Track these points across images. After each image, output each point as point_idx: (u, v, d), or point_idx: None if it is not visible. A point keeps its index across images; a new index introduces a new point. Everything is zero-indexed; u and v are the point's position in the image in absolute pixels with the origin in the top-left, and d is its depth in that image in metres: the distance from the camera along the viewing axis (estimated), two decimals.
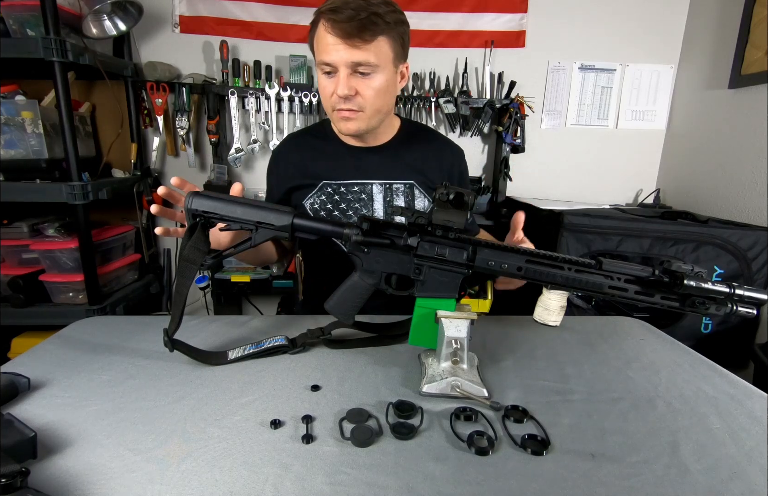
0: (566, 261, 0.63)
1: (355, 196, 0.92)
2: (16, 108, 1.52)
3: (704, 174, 1.88)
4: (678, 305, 0.60)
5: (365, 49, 0.78)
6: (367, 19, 0.75)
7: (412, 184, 0.94)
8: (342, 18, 0.75)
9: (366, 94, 0.82)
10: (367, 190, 0.92)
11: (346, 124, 0.85)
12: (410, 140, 0.98)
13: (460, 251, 0.65)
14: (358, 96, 0.82)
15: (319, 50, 0.81)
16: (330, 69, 0.81)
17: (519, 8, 2.01)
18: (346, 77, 0.80)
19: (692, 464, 0.50)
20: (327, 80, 0.83)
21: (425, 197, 0.96)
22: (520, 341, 0.83)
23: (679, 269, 0.58)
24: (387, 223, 0.68)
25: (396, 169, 0.94)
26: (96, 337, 0.80)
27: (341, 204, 0.92)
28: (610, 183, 2.19)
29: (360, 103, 0.83)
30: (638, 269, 0.61)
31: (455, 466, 0.49)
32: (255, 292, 2.02)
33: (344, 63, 0.78)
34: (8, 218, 1.69)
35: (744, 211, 1.64)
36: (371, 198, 0.92)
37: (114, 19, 1.74)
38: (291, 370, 0.69)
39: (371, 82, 0.81)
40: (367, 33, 0.76)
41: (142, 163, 1.99)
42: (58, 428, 0.54)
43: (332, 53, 0.78)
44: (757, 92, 1.61)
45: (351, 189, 0.92)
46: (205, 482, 0.46)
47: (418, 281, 0.67)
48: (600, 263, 0.62)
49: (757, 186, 1.60)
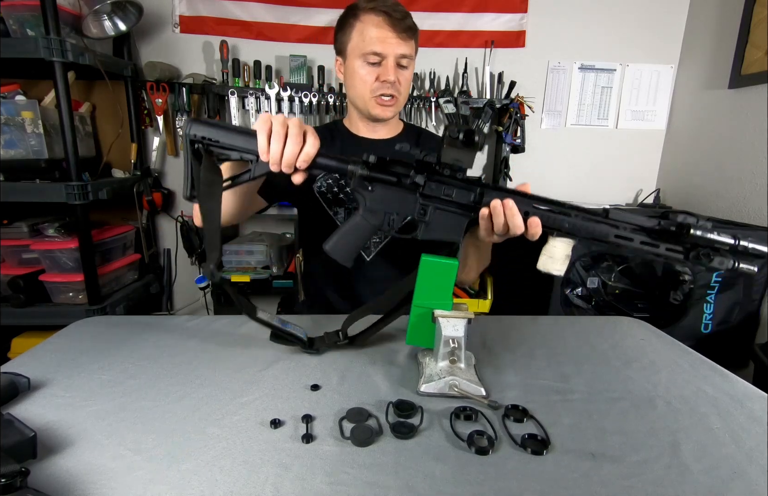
0: (573, 208, 0.63)
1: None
2: (16, 108, 1.52)
3: (704, 174, 1.88)
4: (683, 257, 0.60)
5: (408, 44, 0.93)
6: (410, 20, 0.92)
7: None
8: (398, 16, 0.89)
9: (402, 82, 0.95)
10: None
11: (385, 110, 0.96)
12: (410, 137, 1.08)
13: (467, 193, 0.64)
14: (398, 84, 0.94)
15: (366, 40, 0.90)
16: (378, 59, 0.91)
17: (519, 8, 2.01)
18: (392, 66, 0.92)
19: (692, 464, 0.50)
20: (370, 69, 0.93)
21: None
22: (520, 340, 0.83)
23: (685, 221, 0.58)
24: (394, 161, 0.67)
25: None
26: (96, 337, 0.80)
27: (346, 187, 1.00)
28: (610, 183, 2.19)
29: (398, 90, 0.95)
30: (644, 219, 0.61)
31: (455, 465, 0.49)
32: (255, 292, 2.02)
33: (394, 53, 0.91)
34: (8, 218, 1.69)
35: (744, 211, 1.64)
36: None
37: (114, 19, 1.74)
38: (291, 370, 0.69)
39: (407, 74, 0.96)
40: (411, 31, 0.93)
41: (142, 163, 1.99)
42: (58, 428, 0.54)
43: (385, 44, 0.90)
44: (757, 92, 1.61)
45: None
46: (205, 481, 0.46)
47: (423, 223, 0.66)
48: (606, 213, 0.62)
49: (757, 186, 1.60)
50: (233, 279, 1.91)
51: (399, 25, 0.89)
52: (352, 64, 0.94)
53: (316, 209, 1.01)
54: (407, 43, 0.92)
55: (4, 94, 1.64)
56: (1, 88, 1.66)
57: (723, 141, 1.78)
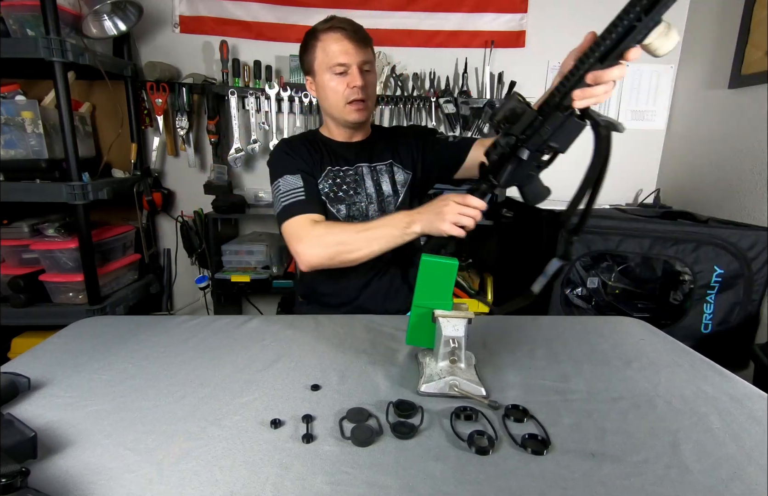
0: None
1: (351, 178, 1.10)
2: (16, 108, 1.52)
3: (704, 174, 1.88)
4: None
5: (367, 52, 1.02)
6: (364, 31, 1.02)
7: (390, 162, 1.14)
8: (353, 29, 1.00)
9: (369, 87, 1.04)
10: (359, 172, 1.11)
11: (359, 113, 1.04)
12: (383, 135, 1.19)
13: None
14: (366, 88, 1.02)
15: (330, 56, 1.00)
16: (343, 69, 1.00)
17: (519, 8, 2.01)
18: (357, 73, 1.00)
19: (692, 463, 0.50)
20: (339, 79, 1.01)
21: (403, 170, 1.14)
22: (520, 340, 0.83)
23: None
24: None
25: (376, 154, 1.14)
26: (96, 337, 0.80)
27: (342, 186, 1.09)
28: (610, 183, 2.15)
29: (367, 94, 1.03)
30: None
31: (455, 465, 0.49)
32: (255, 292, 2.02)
33: (357, 62, 1.00)
34: (8, 218, 1.69)
35: (744, 211, 1.64)
36: (362, 179, 1.11)
37: (114, 19, 1.74)
38: (291, 370, 0.69)
39: (371, 78, 1.05)
40: (367, 40, 1.03)
41: (142, 163, 1.99)
42: (58, 428, 0.54)
43: (347, 55, 0.99)
44: (757, 92, 1.61)
45: (347, 173, 1.10)
46: (205, 481, 0.46)
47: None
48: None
49: (757, 186, 1.60)
50: (233, 279, 1.91)
51: (355, 37, 1.00)
52: (322, 79, 1.03)
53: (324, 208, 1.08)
54: (366, 51, 1.01)
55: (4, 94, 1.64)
56: (1, 88, 1.66)
57: (723, 141, 1.78)
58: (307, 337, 0.81)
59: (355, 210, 1.10)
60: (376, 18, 1.99)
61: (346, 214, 1.09)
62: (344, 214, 1.09)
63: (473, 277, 1.99)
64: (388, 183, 1.13)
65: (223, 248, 1.95)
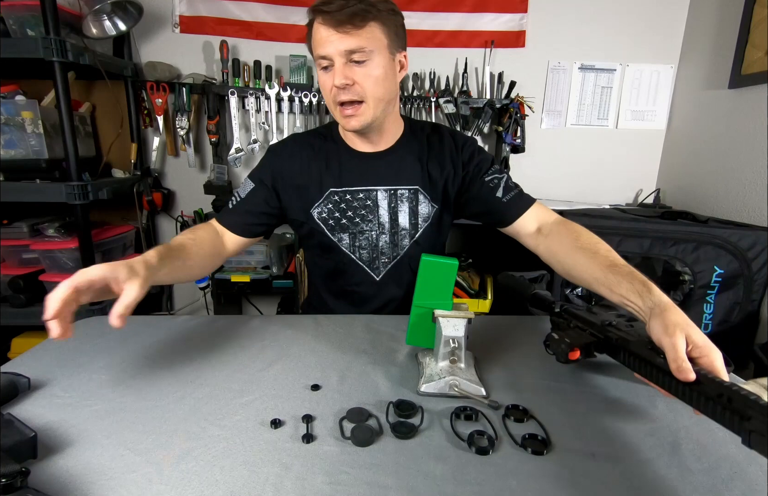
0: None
1: (361, 203, 0.93)
2: (16, 108, 1.52)
3: (704, 174, 1.88)
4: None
5: (357, 35, 0.78)
6: (356, 6, 0.77)
7: (416, 189, 0.93)
8: (333, 9, 0.77)
9: (364, 82, 0.81)
10: (372, 196, 0.93)
11: (350, 121, 0.84)
12: (415, 141, 0.96)
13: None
14: (357, 85, 0.81)
15: (315, 46, 0.82)
16: (327, 62, 0.81)
17: (519, 8, 2.01)
18: (341, 66, 0.79)
19: (692, 463, 0.50)
20: (325, 75, 0.83)
21: (429, 202, 0.94)
22: (520, 340, 0.83)
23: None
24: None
25: (401, 175, 0.93)
26: (96, 337, 0.80)
27: (348, 212, 0.93)
28: (610, 183, 2.19)
29: (360, 93, 0.82)
30: None
31: (456, 465, 0.49)
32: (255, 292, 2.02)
33: (338, 52, 0.79)
34: (8, 218, 1.69)
35: (744, 211, 1.64)
36: (376, 204, 0.92)
37: (114, 19, 1.74)
38: (291, 370, 0.69)
39: (368, 70, 0.81)
40: (358, 19, 0.77)
41: (142, 163, 1.99)
42: (58, 428, 0.54)
43: (326, 45, 0.79)
44: (757, 92, 1.61)
45: (356, 196, 0.93)
46: (205, 481, 0.46)
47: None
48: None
49: (757, 186, 1.60)
50: (233, 279, 1.91)
51: (336, 18, 0.77)
52: (318, 74, 0.86)
53: (318, 235, 0.95)
54: (354, 34, 0.78)
55: (4, 94, 1.64)
56: (1, 88, 1.66)
57: (723, 141, 1.78)
58: (307, 337, 0.81)
59: (363, 240, 0.93)
60: None
61: (349, 244, 0.94)
62: (347, 244, 0.94)
63: (473, 277, 1.99)
64: (406, 214, 0.93)
65: None
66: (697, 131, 1.95)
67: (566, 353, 0.62)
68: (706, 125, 1.89)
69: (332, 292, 1.01)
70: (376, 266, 0.97)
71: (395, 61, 0.86)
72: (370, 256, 0.96)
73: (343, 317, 0.91)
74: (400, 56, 0.87)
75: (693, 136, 1.97)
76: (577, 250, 0.79)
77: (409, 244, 0.95)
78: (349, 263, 0.96)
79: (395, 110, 0.93)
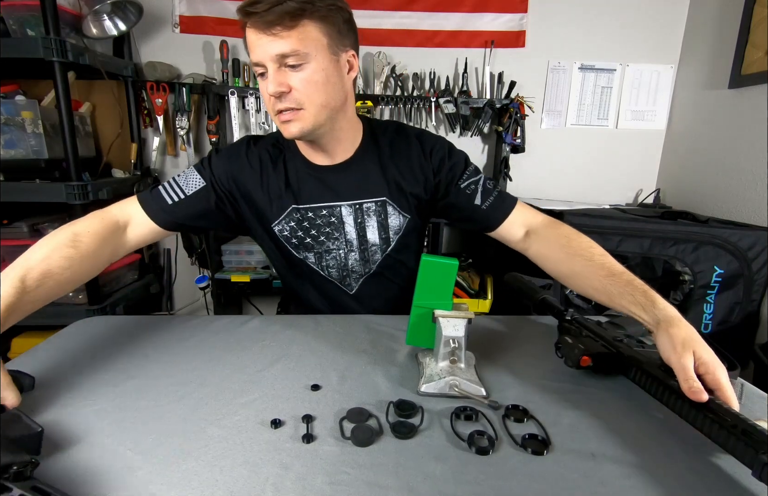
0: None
1: (325, 220, 0.86)
2: (16, 108, 1.52)
3: (704, 174, 1.88)
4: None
5: (287, 37, 0.70)
6: (286, 4, 0.68)
7: (384, 200, 0.86)
8: (260, 9, 0.69)
9: (300, 87, 0.73)
10: (336, 213, 0.86)
11: (288, 127, 0.76)
12: (377, 148, 0.88)
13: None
14: (293, 91, 0.73)
15: (249, 52, 0.75)
16: (261, 69, 0.74)
17: (519, 8, 2.01)
18: (274, 73, 0.72)
19: (693, 463, 0.50)
20: (263, 83, 0.74)
21: (399, 214, 0.87)
22: (520, 340, 0.83)
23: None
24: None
25: (365, 187, 0.86)
26: (96, 337, 0.80)
27: (311, 230, 0.86)
28: (610, 183, 2.19)
29: (297, 99, 0.73)
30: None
31: (456, 465, 0.49)
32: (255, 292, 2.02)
33: (269, 57, 0.71)
34: (8, 218, 1.69)
35: (744, 211, 1.64)
36: (341, 221, 0.86)
37: (114, 19, 1.74)
38: (291, 370, 0.69)
39: (304, 74, 0.72)
40: (287, 18, 0.69)
41: (142, 163, 1.99)
42: (58, 427, 0.54)
43: (257, 49, 0.72)
44: (757, 92, 1.61)
45: (319, 213, 0.86)
46: (205, 482, 0.46)
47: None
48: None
49: (757, 186, 1.60)
50: (233, 279, 1.91)
51: (264, 20, 0.69)
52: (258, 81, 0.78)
53: (282, 252, 0.90)
54: (284, 36, 0.70)
55: (4, 94, 1.64)
56: (1, 88, 1.66)
57: (723, 141, 1.78)
58: (307, 337, 0.81)
59: (330, 259, 0.88)
60: (376, 18, 1.99)
61: (316, 263, 0.88)
62: (313, 262, 0.88)
63: (473, 277, 1.99)
64: (375, 229, 0.86)
65: (223, 248, 1.95)
66: (697, 131, 1.95)
67: (579, 358, 0.63)
68: (706, 125, 1.89)
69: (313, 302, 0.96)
70: (348, 282, 0.93)
71: (340, 63, 0.77)
72: (340, 274, 0.91)
73: (343, 317, 0.90)
74: (347, 56, 0.78)
75: (693, 136, 1.97)
76: (571, 256, 0.78)
77: (382, 258, 0.90)
78: (320, 280, 0.92)
79: (349, 116, 0.84)
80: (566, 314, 0.76)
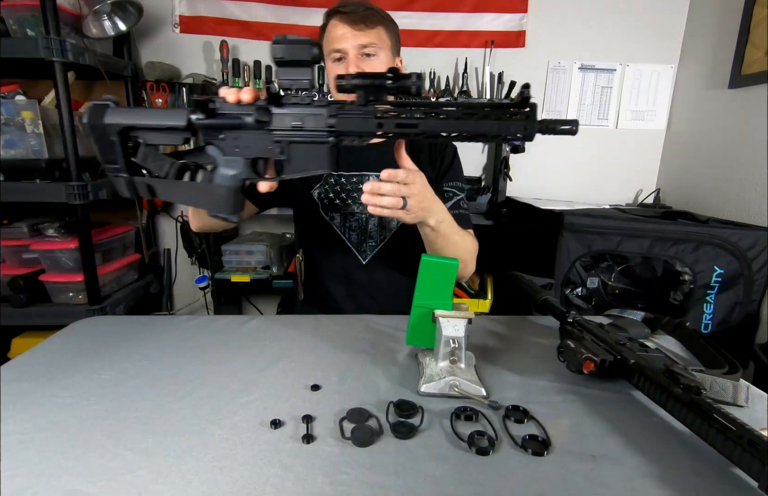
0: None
1: (354, 186, 1.03)
2: (16, 108, 1.52)
3: (704, 174, 1.88)
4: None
5: (369, 33, 0.93)
6: (368, 10, 0.94)
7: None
8: (350, 10, 0.93)
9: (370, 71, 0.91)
10: (363, 181, 0.98)
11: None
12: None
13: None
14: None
15: (330, 42, 0.95)
16: (340, 55, 0.94)
17: (519, 8, 2.01)
18: (354, 58, 0.93)
19: (693, 463, 0.50)
20: (337, 66, 0.95)
21: None
22: (520, 340, 0.83)
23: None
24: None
25: (393, 163, 0.96)
26: (96, 337, 0.80)
27: (341, 193, 1.03)
28: (610, 183, 2.19)
29: None
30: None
31: (456, 466, 0.49)
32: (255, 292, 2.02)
33: (353, 46, 0.93)
34: (8, 218, 1.69)
35: (744, 211, 1.64)
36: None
37: (114, 19, 1.74)
38: (291, 370, 0.69)
39: (376, 63, 0.95)
40: (369, 20, 0.93)
41: None
42: (58, 428, 0.54)
43: (342, 40, 0.93)
44: (757, 92, 1.61)
45: (350, 180, 1.03)
46: (205, 482, 0.46)
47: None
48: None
49: (757, 186, 1.59)
50: (233, 279, 1.91)
51: (352, 18, 0.93)
52: (327, 65, 0.99)
53: (313, 213, 1.05)
54: (367, 32, 0.93)
55: (4, 94, 1.64)
56: (1, 88, 1.66)
57: (723, 141, 1.78)
58: (307, 337, 0.81)
59: (353, 221, 1.03)
60: None
61: (340, 224, 1.04)
62: (338, 224, 1.04)
63: (473, 277, 1.99)
64: None
65: (223, 248, 1.95)
66: (697, 131, 1.95)
67: (581, 363, 0.62)
68: (706, 125, 1.89)
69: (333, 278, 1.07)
70: (363, 249, 1.05)
71: (395, 62, 1.01)
72: (359, 238, 1.04)
73: (343, 317, 0.91)
74: (398, 59, 1.03)
75: (693, 136, 1.97)
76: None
77: (397, 227, 1.04)
78: (338, 247, 1.04)
79: None
80: (568, 316, 0.76)
